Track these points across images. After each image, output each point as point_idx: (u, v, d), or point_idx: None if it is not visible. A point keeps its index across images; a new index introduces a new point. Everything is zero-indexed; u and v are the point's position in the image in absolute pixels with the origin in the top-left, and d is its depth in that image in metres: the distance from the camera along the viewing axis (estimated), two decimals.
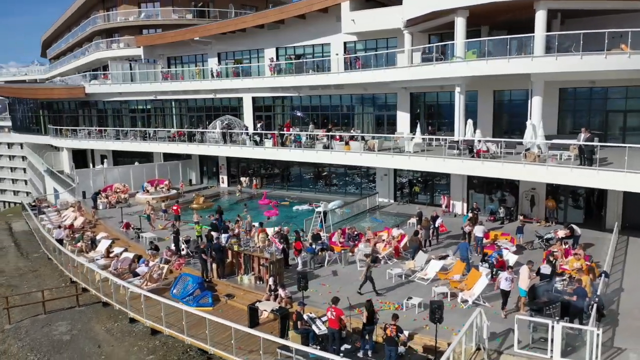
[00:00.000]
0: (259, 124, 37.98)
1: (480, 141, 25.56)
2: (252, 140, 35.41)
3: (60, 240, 27.85)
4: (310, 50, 37.65)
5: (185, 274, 21.49)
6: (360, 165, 33.18)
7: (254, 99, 40.71)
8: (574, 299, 14.77)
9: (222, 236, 24.07)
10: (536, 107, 24.77)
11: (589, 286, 15.44)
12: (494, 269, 18.99)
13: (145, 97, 46.42)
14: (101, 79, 48.95)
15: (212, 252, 21.55)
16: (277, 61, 38.35)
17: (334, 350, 14.50)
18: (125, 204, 35.48)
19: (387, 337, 13.80)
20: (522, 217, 26.00)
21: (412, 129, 31.37)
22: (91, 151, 50.41)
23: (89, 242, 27.31)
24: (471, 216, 24.57)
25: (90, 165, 50.23)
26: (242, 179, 40.55)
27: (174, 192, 38.78)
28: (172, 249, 24.24)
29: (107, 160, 47.92)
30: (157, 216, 31.07)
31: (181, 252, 24.31)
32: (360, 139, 29.85)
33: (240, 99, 41.41)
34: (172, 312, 18.28)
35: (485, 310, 16.71)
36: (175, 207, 30.37)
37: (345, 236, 24.26)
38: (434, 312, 13.94)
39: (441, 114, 32.49)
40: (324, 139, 32.09)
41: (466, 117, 27.55)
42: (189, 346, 18.24)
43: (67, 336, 20.48)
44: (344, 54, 34.41)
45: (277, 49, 39.20)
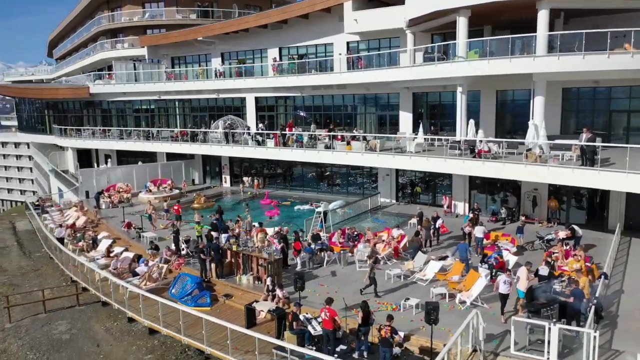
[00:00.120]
0: (260, 125, 37.97)
1: (481, 141, 25.41)
2: (254, 140, 35.39)
3: (61, 239, 27.95)
4: (313, 50, 37.57)
5: (184, 274, 21.50)
6: (361, 165, 33.07)
7: (256, 99, 40.70)
8: (571, 300, 14.63)
9: (222, 236, 24.08)
10: (538, 107, 24.61)
11: (588, 287, 15.27)
12: (494, 270, 18.86)
13: (149, 97, 46.55)
14: (105, 79, 49.12)
15: (211, 252, 21.54)
16: (280, 61, 38.32)
17: (329, 350, 14.43)
18: (127, 204, 35.54)
19: (382, 338, 13.72)
20: (524, 218, 25.81)
21: (415, 129, 31.28)
22: (96, 151, 50.63)
23: (90, 241, 27.39)
24: (472, 217, 24.42)
25: (94, 164, 50.49)
26: (245, 178, 40.56)
27: (177, 192, 38.84)
28: (172, 248, 24.27)
29: (111, 160, 48.09)
30: (158, 216, 31.08)
31: (181, 252, 24.32)
32: (361, 139, 29.75)
33: (243, 99, 41.42)
34: (169, 312, 18.27)
35: (483, 311, 16.65)
36: (176, 207, 30.38)
37: (345, 236, 24.18)
38: (430, 314, 13.86)
39: (444, 113, 32.30)
40: (326, 139, 32.01)
41: (469, 117, 27.47)
42: (187, 346, 18.22)
43: (66, 335, 20.54)
44: (347, 54, 34.31)
45: (280, 49, 39.15)
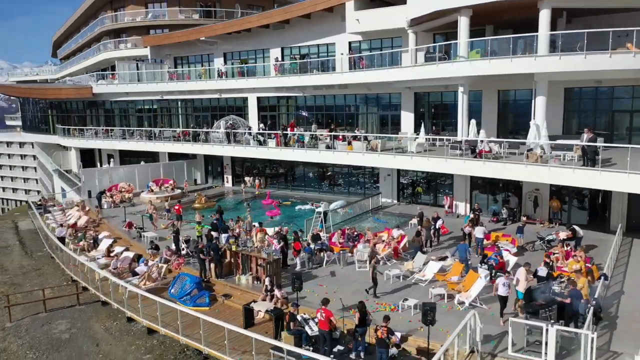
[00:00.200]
0: (261, 125, 37.93)
1: (482, 141, 25.30)
2: (255, 140, 35.39)
3: (62, 238, 28.00)
4: (315, 50, 37.51)
5: (183, 274, 21.52)
6: (362, 165, 32.98)
7: (258, 98, 40.69)
8: (567, 301, 14.53)
9: (222, 236, 24.07)
10: (540, 107, 24.50)
11: (587, 288, 15.16)
12: (493, 271, 18.75)
13: (151, 97, 46.61)
14: (109, 79, 49.22)
15: (210, 252, 21.53)
16: (282, 61, 38.28)
17: (325, 351, 14.39)
18: (129, 204, 35.60)
19: (378, 339, 13.66)
20: (525, 218, 25.73)
21: (417, 129, 31.18)
22: (99, 150, 50.80)
23: (91, 241, 27.44)
24: (472, 217, 24.31)
25: (98, 164, 50.66)
26: (247, 178, 40.57)
27: (178, 192, 38.87)
28: (172, 248, 24.28)
29: (113, 159, 48.19)
30: (159, 215, 31.11)
31: (181, 252, 24.32)
32: (362, 139, 29.70)
33: (245, 99, 41.42)
34: (168, 311, 18.28)
35: (481, 312, 16.58)
36: (177, 207, 30.39)
37: (344, 237, 24.10)
38: (426, 314, 13.79)
39: (445, 113, 32.20)
40: (327, 139, 31.96)
41: (470, 117, 27.37)
42: (185, 346, 18.23)
43: (66, 335, 20.60)
44: (349, 54, 34.24)
45: (282, 49, 39.12)
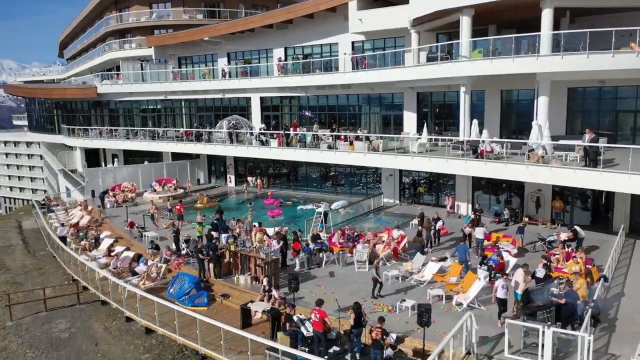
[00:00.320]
0: (262, 125, 37.96)
1: (484, 142, 25.15)
2: (257, 140, 35.38)
3: (63, 238, 28.06)
4: (318, 50, 37.44)
5: (182, 274, 21.51)
6: (364, 165, 32.87)
7: (262, 98, 40.71)
8: (563, 301, 14.40)
9: (222, 236, 24.06)
10: (542, 107, 24.32)
11: (584, 290, 15.01)
12: (493, 272, 18.59)
13: (155, 97, 46.75)
14: (113, 79, 49.41)
15: (209, 252, 21.52)
16: (285, 61, 38.25)
17: (320, 352, 14.33)
18: (132, 203, 35.67)
19: (373, 340, 13.58)
20: (527, 219, 25.55)
21: (419, 129, 31.05)
22: (103, 150, 51.01)
23: (93, 240, 27.51)
24: (473, 217, 24.16)
25: (102, 164, 50.87)
26: (249, 178, 40.59)
27: (181, 192, 38.92)
28: (172, 248, 24.29)
29: (118, 159, 48.39)
30: (161, 215, 31.13)
31: (181, 252, 24.32)
32: (364, 139, 29.60)
33: (248, 99, 41.44)
34: (166, 311, 18.27)
35: (479, 313, 16.51)
36: (178, 207, 30.42)
37: (344, 237, 24.02)
38: (422, 315, 13.71)
39: (448, 113, 32.05)
40: (329, 139, 31.91)
41: (473, 117, 27.21)
42: (184, 345, 18.19)
43: (65, 334, 20.63)
44: (351, 54, 34.15)
45: (285, 49, 39.08)
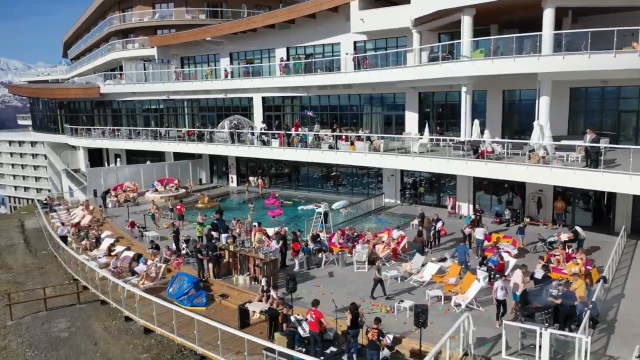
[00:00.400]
0: (263, 125, 37.97)
1: (484, 142, 25.03)
2: (259, 140, 35.36)
3: (63, 237, 28.10)
4: (320, 50, 37.38)
5: (181, 274, 21.52)
6: (364, 165, 32.78)
7: (263, 98, 40.68)
8: (558, 302, 14.31)
9: (222, 236, 24.04)
10: (543, 107, 24.19)
11: (583, 290, 14.90)
12: (492, 273, 18.47)
13: (158, 97, 46.81)
14: (116, 79, 49.51)
15: (208, 252, 21.50)
16: (287, 61, 38.23)
17: (317, 352, 14.29)
18: (133, 203, 35.72)
19: (369, 341, 13.53)
20: (528, 220, 25.42)
21: (421, 129, 30.95)
22: (106, 150, 51.12)
23: (94, 240, 27.55)
24: (473, 218, 24.05)
25: (105, 164, 50.98)
26: (251, 178, 40.59)
27: (183, 192, 38.94)
28: (172, 248, 24.30)
29: (120, 159, 48.48)
30: (161, 215, 31.13)
31: (181, 252, 24.32)
32: (365, 140, 29.53)
33: (250, 99, 41.42)
34: (164, 311, 18.29)
35: (478, 314, 16.44)
36: (179, 207, 30.42)
37: (344, 237, 23.95)
38: (418, 316, 13.64)
39: (450, 114, 31.91)
40: (330, 139, 31.86)
41: (475, 117, 27.06)
42: (182, 345, 18.18)
43: (65, 333, 20.68)
44: (354, 54, 34.09)
45: (287, 49, 39.04)
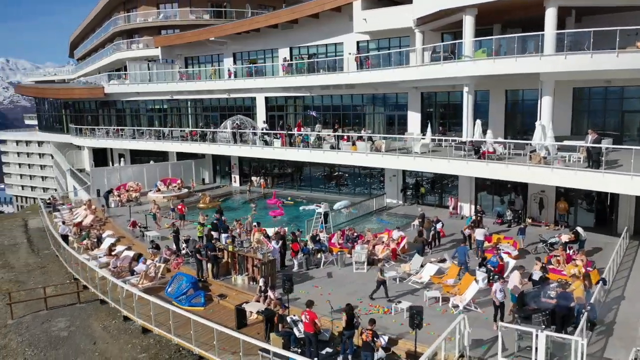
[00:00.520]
0: (265, 126, 38.00)
1: (486, 142, 24.88)
2: (261, 140, 35.37)
3: (64, 236, 28.16)
4: (323, 49, 37.36)
5: (180, 274, 21.53)
6: (366, 165, 32.70)
7: (266, 98, 40.70)
8: (554, 302, 14.18)
9: (222, 236, 24.04)
10: (546, 107, 24.06)
11: (581, 292, 14.76)
12: (492, 274, 18.35)
13: (162, 97, 46.94)
14: (121, 79, 49.70)
15: (207, 252, 21.50)
16: (290, 61, 38.20)
17: (311, 353, 14.23)
18: (136, 203, 35.80)
19: (363, 343, 13.46)
20: (530, 220, 25.24)
21: (423, 129, 30.85)
22: (110, 150, 51.31)
23: (95, 239, 27.62)
24: (474, 219, 23.92)
25: (110, 163, 51.16)
26: (254, 178, 40.61)
27: (185, 191, 39.00)
28: (172, 248, 24.31)
29: (124, 159, 48.64)
30: (163, 215, 31.17)
31: (180, 252, 24.33)
32: (366, 140, 29.46)
33: (253, 99, 41.47)
34: (162, 311, 18.28)
35: (475, 316, 16.33)
36: (179, 207, 30.45)
37: (344, 237, 23.88)
38: (413, 318, 13.55)
39: (453, 114, 31.75)
40: (332, 139, 31.80)
41: (477, 117, 26.95)
42: (180, 345, 18.18)
43: (64, 332, 20.72)
44: (356, 54, 34.01)
45: (290, 49, 39.04)
